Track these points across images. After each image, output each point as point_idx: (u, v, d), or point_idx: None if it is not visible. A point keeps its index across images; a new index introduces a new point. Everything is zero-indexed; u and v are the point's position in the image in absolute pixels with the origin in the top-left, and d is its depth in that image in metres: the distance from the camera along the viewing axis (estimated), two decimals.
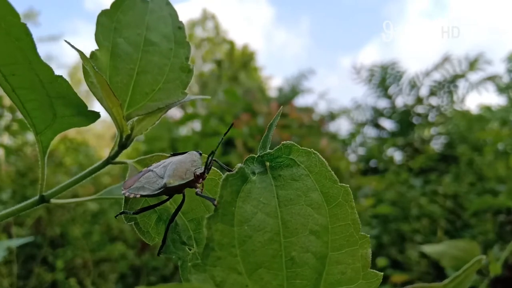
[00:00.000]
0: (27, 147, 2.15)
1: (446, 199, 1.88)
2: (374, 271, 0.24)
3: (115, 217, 0.35)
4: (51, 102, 0.34)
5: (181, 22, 0.41)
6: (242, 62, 6.18)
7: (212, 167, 0.33)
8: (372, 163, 2.66)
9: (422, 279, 1.56)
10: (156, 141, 2.40)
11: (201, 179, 0.31)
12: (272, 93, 4.15)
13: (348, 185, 0.26)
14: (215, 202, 0.24)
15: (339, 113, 3.00)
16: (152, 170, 0.33)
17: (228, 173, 0.24)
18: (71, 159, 2.37)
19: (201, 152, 0.33)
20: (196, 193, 0.31)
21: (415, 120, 2.68)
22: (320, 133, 2.75)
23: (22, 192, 1.84)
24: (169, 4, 0.41)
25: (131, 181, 0.34)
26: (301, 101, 3.52)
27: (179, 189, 0.31)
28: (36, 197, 0.40)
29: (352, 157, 2.84)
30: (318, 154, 0.26)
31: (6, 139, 1.88)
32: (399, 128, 2.71)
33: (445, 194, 1.90)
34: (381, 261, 1.54)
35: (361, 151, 2.77)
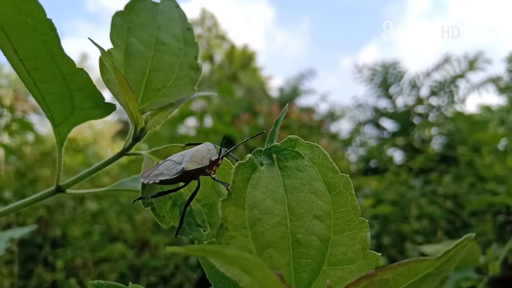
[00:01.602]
0: (26, 146, 2.15)
1: (446, 200, 1.89)
2: (373, 252, 0.27)
3: (133, 202, 0.37)
4: (70, 94, 0.37)
5: (189, 24, 0.44)
6: (242, 62, 6.20)
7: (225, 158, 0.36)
8: (372, 163, 2.66)
9: None
10: (157, 141, 2.41)
11: (215, 166, 0.34)
12: (273, 93, 4.16)
13: (348, 175, 0.28)
14: (229, 187, 0.26)
15: (340, 113, 3.01)
16: (170, 159, 0.36)
17: (240, 161, 0.27)
18: (71, 159, 2.37)
19: (215, 144, 0.36)
20: (213, 178, 0.34)
21: (415, 120, 2.68)
22: (320, 133, 2.75)
23: (22, 192, 1.85)
24: (178, 6, 0.44)
25: (149, 171, 0.37)
26: (302, 101, 3.53)
27: (195, 174, 0.34)
28: (53, 187, 0.42)
29: (352, 157, 2.85)
30: (321, 147, 0.29)
31: (6, 139, 1.88)
32: (399, 128, 2.71)
33: (445, 194, 1.90)
34: (381, 261, 1.54)
35: (361, 151, 2.78)
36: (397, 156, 2.64)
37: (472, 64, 2.47)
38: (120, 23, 0.41)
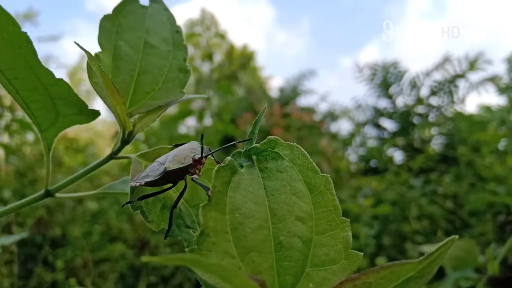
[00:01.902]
0: (26, 146, 2.16)
1: (446, 200, 1.88)
2: (355, 251, 0.27)
3: (122, 206, 0.37)
4: (53, 102, 0.37)
5: (178, 27, 0.43)
6: (242, 61, 6.20)
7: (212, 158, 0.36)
8: (372, 163, 2.66)
9: None
10: (157, 141, 2.41)
11: (199, 165, 0.33)
12: (273, 93, 4.16)
13: (328, 175, 0.28)
14: (209, 192, 0.26)
15: (340, 113, 3.01)
16: (156, 161, 0.36)
17: (219, 165, 0.27)
18: (71, 159, 2.38)
19: (200, 143, 0.35)
20: (192, 179, 0.33)
21: (415, 120, 2.68)
22: (320, 133, 2.75)
23: (22, 192, 1.85)
24: (167, 9, 0.44)
25: (139, 173, 0.37)
26: (302, 101, 3.53)
27: (178, 174, 0.34)
28: (42, 191, 0.42)
29: (352, 157, 2.85)
30: (301, 147, 0.29)
31: (6, 139, 1.89)
32: (399, 128, 2.71)
33: (445, 194, 1.90)
34: (381, 261, 1.54)
35: (361, 151, 2.78)
36: (397, 156, 2.64)
37: (472, 64, 2.47)
38: (109, 27, 0.41)
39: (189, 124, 2.75)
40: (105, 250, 1.86)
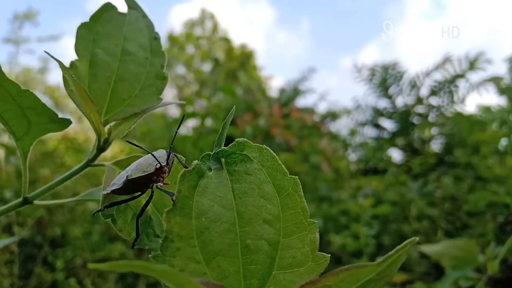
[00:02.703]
0: None
1: (446, 201, 1.88)
2: (322, 253, 0.27)
3: (93, 214, 0.37)
4: (23, 112, 0.38)
5: (156, 33, 0.44)
6: (241, 61, 6.20)
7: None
8: (372, 163, 2.66)
9: (423, 279, 1.56)
10: (157, 141, 2.42)
11: (162, 173, 0.33)
12: (273, 93, 4.16)
13: (297, 177, 0.28)
14: (173, 197, 0.26)
15: (340, 113, 3.00)
16: (126, 169, 0.36)
17: (185, 169, 0.27)
18: (72, 159, 2.38)
19: (169, 151, 0.35)
20: (157, 187, 0.33)
21: (415, 120, 2.67)
22: (320, 133, 2.75)
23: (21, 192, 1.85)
24: (145, 16, 0.44)
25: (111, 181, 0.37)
26: (302, 101, 3.53)
27: (141, 182, 0.33)
28: (20, 199, 0.42)
29: (352, 157, 2.84)
30: (270, 149, 0.29)
31: (6, 139, 1.89)
32: (399, 128, 2.71)
33: (445, 195, 1.90)
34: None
35: (361, 151, 2.77)
36: (397, 156, 2.64)
37: (473, 64, 2.46)
38: (85, 35, 0.41)
39: (190, 125, 2.76)
40: (105, 250, 1.86)
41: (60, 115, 0.39)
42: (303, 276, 0.25)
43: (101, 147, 0.42)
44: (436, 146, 2.52)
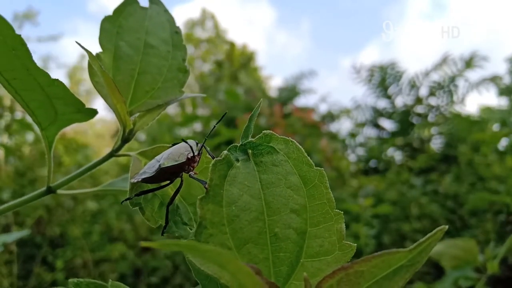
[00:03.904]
0: (26, 146, 2.16)
1: (447, 199, 1.88)
2: (348, 243, 0.27)
3: (121, 203, 0.37)
4: (51, 102, 0.38)
5: (178, 28, 0.44)
6: (242, 62, 6.20)
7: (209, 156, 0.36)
8: (372, 163, 2.66)
9: (422, 279, 1.56)
10: (159, 142, 2.41)
11: (193, 162, 0.34)
12: (273, 93, 4.16)
13: (322, 168, 0.28)
14: (206, 185, 0.26)
15: (340, 113, 3.01)
16: (155, 158, 0.36)
17: (216, 159, 0.27)
18: (70, 159, 2.38)
19: (197, 142, 0.35)
20: (190, 176, 0.34)
21: (415, 120, 2.68)
22: (320, 133, 2.75)
23: (21, 192, 1.85)
24: (166, 11, 0.45)
25: (138, 171, 0.37)
26: (302, 101, 3.53)
27: (173, 171, 0.34)
28: (44, 188, 0.43)
29: (352, 157, 2.84)
30: (295, 142, 0.29)
31: (6, 139, 1.88)
32: (398, 128, 2.71)
33: (446, 194, 1.90)
34: None
35: (361, 151, 2.77)
36: (397, 156, 2.64)
37: (468, 63, 2.47)
38: (109, 28, 0.42)
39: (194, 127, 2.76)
40: (105, 250, 1.86)
41: None
42: (330, 265, 0.26)
43: (126, 138, 0.42)
44: (435, 145, 2.52)
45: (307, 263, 0.26)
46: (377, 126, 2.81)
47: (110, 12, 0.42)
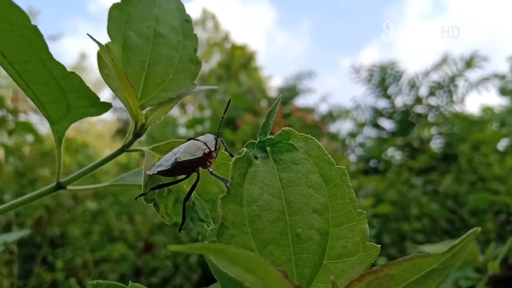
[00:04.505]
0: (26, 146, 2.15)
1: (447, 199, 1.88)
2: (372, 243, 0.26)
3: (136, 198, 0.36)
4: (65, 95, 0.37)
5: (188, 15, 0.42)
6: (242, 62, 6.19)
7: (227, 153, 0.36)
8: (372, 163, 2.66)
9: None
10: (158, 142, 2.40)
11: (210, 158, 0.33)
12: (273, 93, 4.16)
13: (344, 167, 0.28)
14: (228, 184, 0.25)
15: (340, 113, 3.00)
16: (172, 151, 0.36)
17: (237, 156, 0.26)
18: (71, 159, 2.37)
19: (215, 136, 0.35)
20: (211, 172, 0.33)
21: (414, 120, 2.68)
22: (321, 133, 2.75)
23: (21, 192, 1.84)
24: None
25: (152, 165, 0.37)
26: (302, 101, 3.52)
27: (189, 165, 0.33)
28: (53, 184, 0.42)
29: (352, 157, 2.84)
30: (315, 139, 0.29)
31: (6, 139, 1.88)
32: (398, 128, 2.71)
33: (446, 193, 1.90)
34: (381, 261, 1.54)
35: (361, 151, 2.77)
36: (397, 156, 2.64)
37: (469, 63, 2.46)
38: (117, 16, 0.40)
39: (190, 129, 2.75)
40: (105, 250, 1.85)
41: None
42: (354, 266, 0.25)
43: (138, 132, 0.41)
44: (435, 145, 2.52)
45: (330, 265, 0.25)
46: (377, 126, 2.81)
47: None
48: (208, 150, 0.33)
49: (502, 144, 2.05)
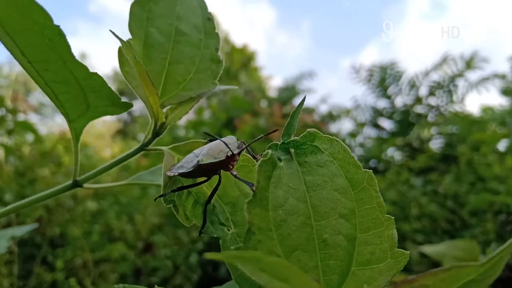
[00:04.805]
0: (26, 146, 2.14)
1: (447, 199, 1.88)
2: (401, 250, 0.26)
3: (155, 200, 0.36)
4: (85, 95, 0.36)
5: (210, 13, 0.42)
6: (242, 62, 6.18)
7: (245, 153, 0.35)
8: (372, 163, 2.65)
9: None
10: (158, 144, 2.40)
11: (232, 161, 0.32)
12: (272, 93, 4.15)
13: (371, 171, 0.27)
14: (253, 188, 0.25)
15: (340, 113, 3.00)
16: (194, 152, 0.35)
17: (262, 159, 0.25)
18: (71, 159, 2.36)
19: (237, 139, 0.34)
20: (235, 176, 0.32)
21: (414, 120, 2.67)
22: (321, 133, 2.73)
23: (21, 192, 1.84)
24: None
25: (172, 166, 0.36)
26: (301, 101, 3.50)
27: (211, 168, 0.33)
28: (70, 182, 0.42)
29: None
30: (341, 141, 0.28)
31: (6, 139, 1.87)
32: (398, 128, 2.70)
33: (446, 194, 1.90)
34: None
35: (361, 151, 2.76)
36: (397, 156, 2.63)
37: (469, 64, 2.46)
38: (139, 12, 0.39)
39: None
40: (105, 250, 1.85)
41: (60, 115, 0.37)
42: (382, 273, 0.24)
43: (157, 131, 0.40)
44: (435, 145, 2.52)
45: (358, 272, 0.24)
46: (377, 126, 2.80)
47: (111, 13, 0.40)
48: (231, 153, 0.32)
49: (502, 144, 2.05)
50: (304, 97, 0.32)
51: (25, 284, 1.66)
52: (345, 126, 3.04)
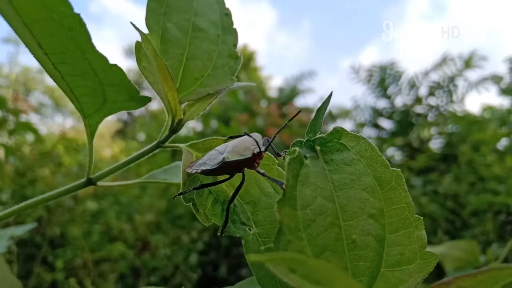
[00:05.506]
0: (26, 146, 2.13)
1: (447, 199, 1.88)
2: (431, 251, 0.25)
3: (174, 198, 0.35)
4: (103, 89, 0.35)
5: (227, 9, 0.41)
6: (242, 62, 6.17)
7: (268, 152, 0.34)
8: None
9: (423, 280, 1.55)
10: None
11: (258, 159, 0.31)
12: (272, 93, 4.14)
13: (399, 169, 0.26)
14: (283, 186, 0.24)
15: (339, 113, 2.99)
16: (216, 149, 0.34)
17: (290, 157, 0.25)
18: (71, 159, 2.35)
19: (262, 135, 0.33)
20: (262, 174, 0.31)
21: (414, 120, 2.67)
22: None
23: (21, 192, 1.83)
24: None
25: (195, 161, 0.35)
26: (302, 101, 3.51)
27: (236, 166, 0.32)
28: (84, 179, 0.41)
29: None
30: (367, 139, 0.27)
31: (6, 139, 1.86)
32: (398, 128, 2.70)
33: (446, 194, 1.90)
34: None
35: None
36: (396, 156, 2.63)
37: (468, 63, 2.46)
38: (156, 7, 0.39)
39: (191, 125, 2.73)
40: (104, 250, 1.84)
41: (60, 115, 0.36)
42: (412, 275, 0.24)
43: (174, 128, 0.40)
44: (435, 145, 2.52)
45: (387, 273, 0.24)
46: (376, 126, 2.80)
47: (111, 13, 0.39)
48: (258, 150, 0.31)
49: (502, 144, 2.05)
50: (331, 93, 0.31)
51: (25, 284, 1.65)
52: (345, 126, 3.03)
